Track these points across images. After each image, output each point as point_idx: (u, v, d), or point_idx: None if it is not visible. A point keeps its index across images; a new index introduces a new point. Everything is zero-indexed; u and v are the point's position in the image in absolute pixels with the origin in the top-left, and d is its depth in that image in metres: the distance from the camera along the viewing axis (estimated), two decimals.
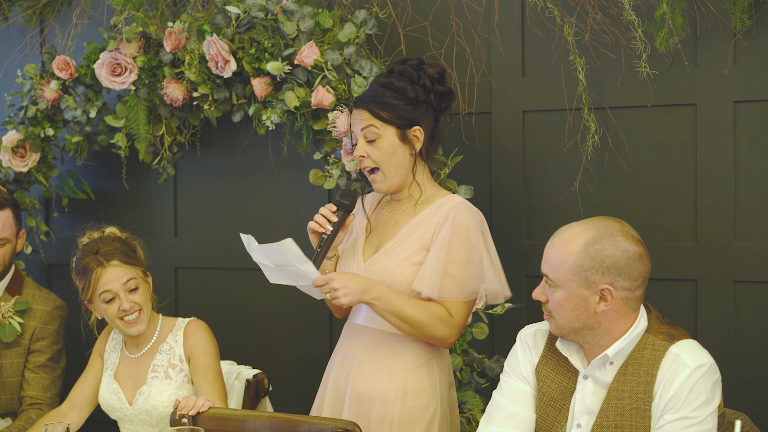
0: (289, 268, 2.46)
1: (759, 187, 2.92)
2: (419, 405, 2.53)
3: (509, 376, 2.31)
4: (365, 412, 2.54)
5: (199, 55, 3.19)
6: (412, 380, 2.53)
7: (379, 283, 2.49)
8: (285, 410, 2.96)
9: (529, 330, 2.34)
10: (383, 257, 2.56)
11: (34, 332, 3.19)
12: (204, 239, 3.68)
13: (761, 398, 2.94)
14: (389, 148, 2.54)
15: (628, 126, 3.05)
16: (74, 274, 2.85)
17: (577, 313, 2.13)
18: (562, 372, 2.23)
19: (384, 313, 2.48)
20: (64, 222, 3.88)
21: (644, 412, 2.09)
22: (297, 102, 3.05)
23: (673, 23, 2.84)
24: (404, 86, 2.54)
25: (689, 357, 2.08)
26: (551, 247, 2.18)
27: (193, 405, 2.49)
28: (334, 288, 2.44)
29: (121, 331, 2.83)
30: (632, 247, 2.12)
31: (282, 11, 3.08)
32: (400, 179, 2.57)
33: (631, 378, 2.12)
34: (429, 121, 2.58)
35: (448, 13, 3.18)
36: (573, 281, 2.12)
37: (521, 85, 3.17)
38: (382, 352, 2.56)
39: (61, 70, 3.39)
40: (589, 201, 3.09)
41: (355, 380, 2.57)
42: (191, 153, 3.66)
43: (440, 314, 2.49)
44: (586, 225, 2.16)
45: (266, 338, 3.61)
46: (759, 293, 2.93)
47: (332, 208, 2.57)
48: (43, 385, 3.16)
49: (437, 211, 2.54)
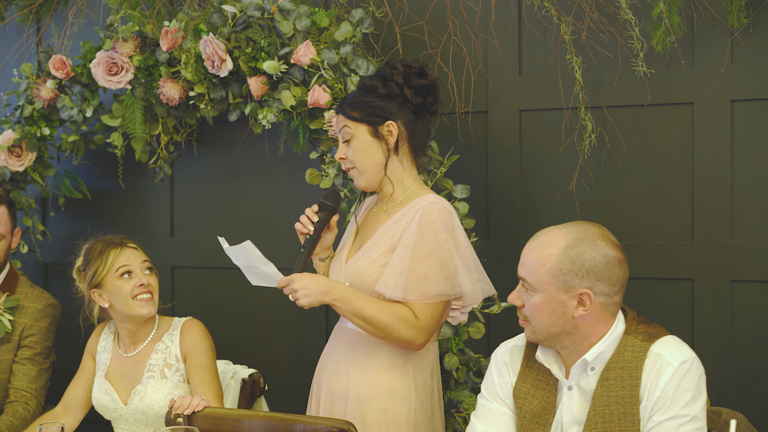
0: (255, 269, 2.50)
1: (756, 186, 2.92)
2: (391, 407, 2.51)
3: (486, 399, 2.26)
4: (338, 411, 2.54)
5: (195, 54, 3.19)
6: (384, 381, 2.52)
7: (342, 285, 2.48)
8: (281, 410, 2.96)
9: (504, 347, 2.29)
10: (359, 258, 2.55)
11: (24, 329, 3.18)
12: (200, 239, 3.68)
13: (758, 397, 2.94)
14: (361, 145, 2.54)
15: (625, 125, 3.05)
16: (84, 260, 2.85)
17: (555, 318, 2.09)
18: (541, 387, 2.18)
19: (346, 314, 2.47)
20: (61, 222, 3.87)
21: (633, 416, 2.05)
22: (293, 101, 3.04)
23: (670, 22, 2.83)
24: (375, 84, 2.54)
25: (671, 355, 2.05)
26: (529, 250, 2.14)
27: (188, 404, 2.49)
28: (294, 289, 2.46)
29: (131, 313, 2.80)
30: (612, 252, 2.08)
31: (278, 10, 3.08)
32: (374, 175, 2.56)
33: (615, 382, 2.08)
34: (406, 116, 2.54)
35: (445, 12, 3.18)
36: (551, 285, 2.08)
37: (518, 84, 3.17)
38: (357, 354, 2.55)
39: (57, 70, 3.38)
40: (585, 200, 3.09)
41: (329, 378, 2.59)
42: (188, 152, 3.66)
43: (404, 316, 2.45)
44: (566, 228, 2.12)
45: (263, 338, 3.61)
46: (756, 292, 2.92)
47: (314, 209, 2.58)
48: (28, 377, 3.14)
49: (409, 212, 2.51)
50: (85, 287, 2.86)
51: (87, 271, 2.84)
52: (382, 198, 2.63)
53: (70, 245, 2.98)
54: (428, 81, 2.55)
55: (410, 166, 2.59)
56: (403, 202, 2.56)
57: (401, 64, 2.55)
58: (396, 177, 2.57)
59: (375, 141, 2.54)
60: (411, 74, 2.54)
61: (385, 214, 2.58)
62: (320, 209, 2.58)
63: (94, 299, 2.85)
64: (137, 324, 2.84)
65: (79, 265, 2.89)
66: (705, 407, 2.07)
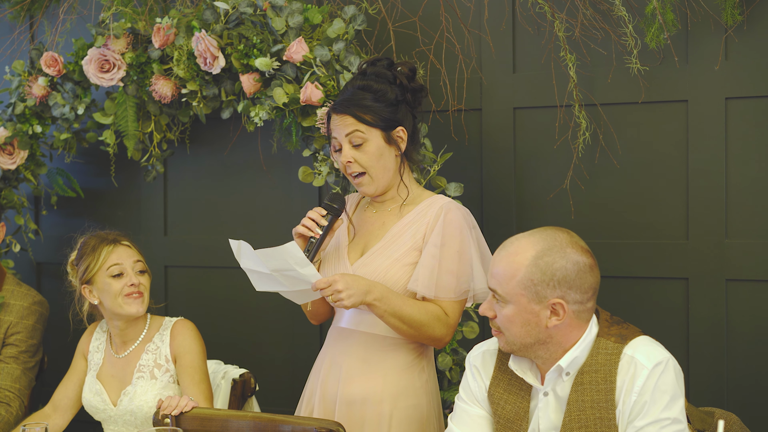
0: (288, 272, 2.39)
1: (751, 185, 2.90)
2: (413, 404, 2.51)
3: (463, 401, 2.24)
4: (359, 417, 2.51)
5: (187, 52, 3.17)
6: (404, 380, 2.52)
7: (380, 284, 2.44)
8: (273, 410, 2.94)
9: (476, 351, 2.26)
10: (373, 259, 2.52)
11: (9, 326, 3.15)
12: (194, 237, 3.66)
13: (753, 397, 2.92)
14: (376, 151, 2.51)
15: (618, 123, 3.03)
16: (77, 255, 2.84)
17: (528, 329, 2.05)
18: (514, 392, 2.15)
19: (384, 314, 2.43)
20: (53, 220, 3.86)
21: (609, 421, 2.02)
22: (286, 98, 3.02)
23: (663, 19, 2.81)
24: (384, 88, 2.51)
25: (644, 357, 2.02)
26: (498, 261, 2.08)
27: (176, 405, 2.47)
28: (338, 290, 2.36)
29: (119, 311, 2.78)
30: (582, 259, 2.04)
31: (271, 7, 3.06)
32: (387, 181, 2.55)
33: (590, 387, 2.05)
34: (409, 120, 2.57)
35: (438, 9, 3.16)
36: (523, 296, 2.03)
37: (512, 81, 3.15)
38: (372, 355, 2.53)
39: (49, 67, 3.37)
40: (579, 198, 3.07)
41: (345, 385, 2.53)
42: (180, 150, 3.64)
43: (437, 314, 2.47)
44: (534, 236, 2.07)
45: (255, 337, 3.59)
46: (751, 291, 2.90)
47: (322, 212, 2.52)
48: (12, 376, 3.11)
49: (427, 211, 2.52)
50: (77, 282, 2.85)
51: (79, 266, 2.83)
52: (381, 200, 2.61)
53: (65, 243, 2.96)
54: (420, 85, 2.59)
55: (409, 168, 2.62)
56: (410, 203, 2.57)
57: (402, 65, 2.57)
58: (406, 180, 2.59)
59: (387, 146, 2.53)
60: (410, 77, 2.57)
61: (392, 215, 2.58)
62: (327, 212, 2.53)
63: (84, 295, 2.84)
64: (127, 322, 2.83)
65: (72, 259, 2.88)
66: (684, 408, 2.04)
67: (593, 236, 3.05)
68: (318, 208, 2.55)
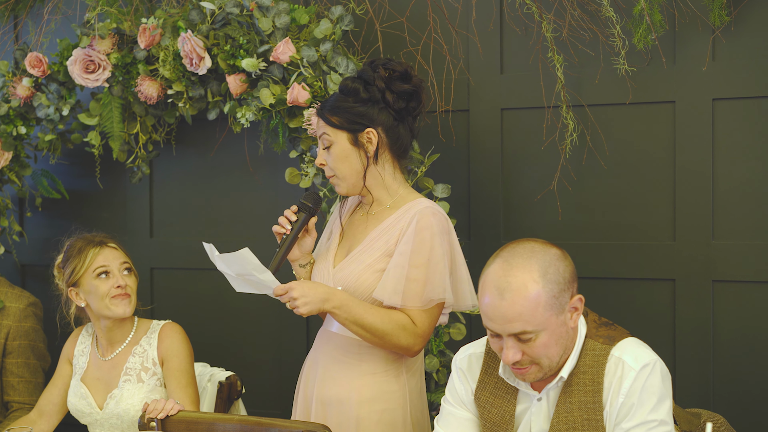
0: (249, 277, 2.42)
1: (738, 186, 2.90)
2: (384, 408, 2.48)
3: (449, 403, 2.22)
4: (333, 417, 2.50)
5: (173, 52, 3.15)
6: (378, 384, 2.49)
7: (341, 292, 2.43)
8: (260, 413, 2.93)
9: (462, 354, 2.24)
10: (349, 263, 2.50)
11: (10, 331, 3.15)
12: (180, 239, 3.64)
13: (739, 398, 2.92)
14: (341, 153, 2.49)
15: (606, 124, 3.03)
16: (63, 258, 2.83)
17: (562, 341, 2.02)
18: (500, 395, 2.14)
19: (345, 322, 2.42)
20: (38, 222, 3.83)
21: (596, 423, 2.01)
22: (272, 99, 3.01)
23: (651, 20, 2.81)
24: (356, 88, 2.48)
25: (632, 358, 2.01)
26: (509, 305, 1.97)
27: (162, 408, 2.46)
28: (293, 297, 2.38)
29: (106, 313, 2.77)
30: (554, 250, 2.04)
31: (257, 7, 3.04)
32: (354, 183, 2.52)
33: (577, 388, 2.04)
34: (387, 121, 2.49)
35: (426, 9, 3.15)
36: (551, 315, 1.99)
37: (499, 82, 3.14)
38: (349, 358, 2.51)
39: (33, 67, 3.34)
40: (567, 199, 3.06)
41: (320, 386, 2.53)
42: (166, 151, 3.61)
43: (403, 323, 2.42)
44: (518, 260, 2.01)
45: (242, 340, 3.57)
46: (737, 293, 2.90)
47: (293, 209, 2.53)
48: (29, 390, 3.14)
49: (403, 216, 2.47)
50: (63, 285, 2.83)
51: (66, 269, 2.81)
52: (367, 202, 2.58)
53: (50, 245, 2.94)
54: (411, 86, 2.50)
55: (394, 171, 2.54)
56: (393, 207, 2.52)
57: (384, 67, 2.49)
58: (378, 184, 2.53)
59: (354, 149, 2.49)
60: (394, 78, 2.49)
61: (374, 219, 2.54)
62: (299, 209, 2.53)
63: (71, 298, 2.82)
64: (114, 324, 2.81)
65: (59, 262, 2.86)
66: (671, 410, 2.04)
67: (580, 237, 3.05)
68: (293, 205, 2.55)
